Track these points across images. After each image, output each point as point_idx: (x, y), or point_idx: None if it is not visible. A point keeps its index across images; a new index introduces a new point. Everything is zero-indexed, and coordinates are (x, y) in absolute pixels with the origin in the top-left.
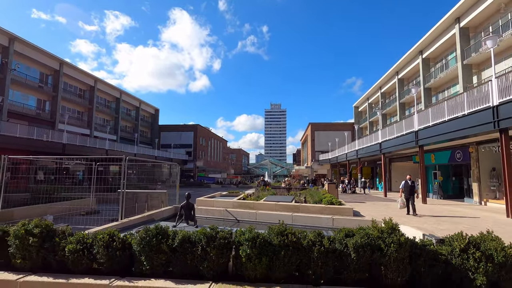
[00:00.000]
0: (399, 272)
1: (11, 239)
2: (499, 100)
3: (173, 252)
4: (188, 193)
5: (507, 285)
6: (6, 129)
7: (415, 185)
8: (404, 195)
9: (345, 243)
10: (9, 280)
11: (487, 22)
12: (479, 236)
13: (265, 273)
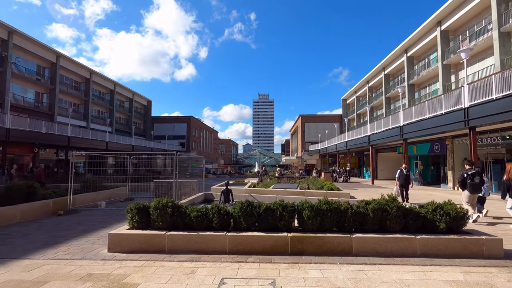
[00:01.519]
0: (397, 223)
1: (152, 210)
2: (470, 103)
3: (259, 216)
4: (227, 181)
5: (455, 227)
6: (16, 122)
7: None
8: (399, 183)
9: (366, 208)
10: (159, 234)
11: (465, 26)
12: (443, 203)
13: (318, 226)
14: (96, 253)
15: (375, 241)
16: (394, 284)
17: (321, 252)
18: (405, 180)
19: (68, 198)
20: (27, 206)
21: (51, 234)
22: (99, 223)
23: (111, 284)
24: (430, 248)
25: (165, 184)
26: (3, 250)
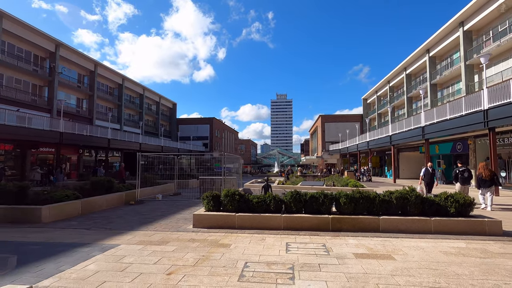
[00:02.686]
0: (416, 208)
1: (223, 197)
2: (489, 105)
3: (305, 202)
4: (267, 177)
5: (463, 211)
6: (66, 126)
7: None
8: (425, 182)
9: (390, 196)
10: (231, 214)
11: (488, 26)
12: (454, 193)
13: (352, 210)
14: (184, 228)
15: (398, 222)
16: (412, 248)
17: (355, 229)
18: (431, 178)
19: (136, 191)
20: (109, 197)
21: (139, 217)
22: (167, 210)
23: (211, 244)
24: (442, 227)
25: (208, 180)
26: (114, 226)
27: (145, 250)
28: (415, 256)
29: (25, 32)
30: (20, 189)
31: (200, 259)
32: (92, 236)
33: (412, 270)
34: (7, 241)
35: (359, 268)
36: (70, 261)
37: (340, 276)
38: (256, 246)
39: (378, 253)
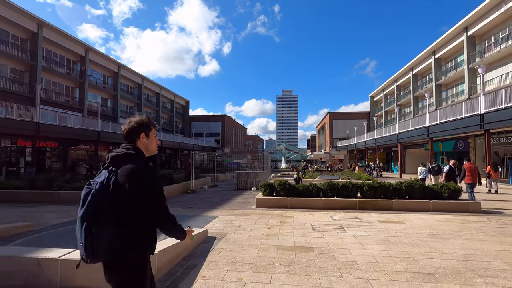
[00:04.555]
0: (419, 194)
1: (277, 186)
2: (485, 110)
3: (338, 189)
4: (298, 172)
5: (454, 196)
6: (102, 126)
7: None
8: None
9: (401, 185)
10: (284, 198)
11: (490, 32)
12: (448, 183)
13: (372, 195)
14: (250, 207)
15: (406, 203)
16: (416, 218)
17: (375, 209)
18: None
19: (190, 182)
20: (174, 187)
21: (205, 201)
22: (221, 197)
23: (279, 216)
24: (438, 207)
25: (243, 174)
26: (196, 206)
27: (239, 218)
28: (418, 222)
29: (60, 39)
30: None
31: (280, 222)
32: (192, 211)
33: (415, 228)
34: None
35: (382, 226)
36: (200, 223)
37: (372, 229)
38: (310, 217)
39: (393, 220)
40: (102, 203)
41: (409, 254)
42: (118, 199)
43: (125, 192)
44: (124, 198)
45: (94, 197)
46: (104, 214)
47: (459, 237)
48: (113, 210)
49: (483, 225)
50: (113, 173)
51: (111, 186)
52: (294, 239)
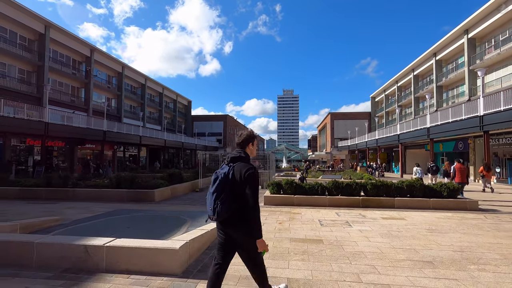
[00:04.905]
0: (420, 192)
1: (284, 184)
2: (484, 111)
3: (342, 188)
4: (302, 171)
5: (452, 195)
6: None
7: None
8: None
9: (402, 184)
10: (290, 196)
11: (490, 35)
12: (446, 182)
13: (375, 194)
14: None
15: (407, 201)
16: (416, 215)
17: (378, 206)
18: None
19: (198, 181)
20: (183, 185)
21: None
22: None
23: (288, 212)
24: (437, 205)
25: None
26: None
27: None
28: (418, 218)
29: (66, 39)
30: (131, 178)
31: (289, 218)
32: (205, 208)
33: (416, 224)
34: (161, 211)
35: (385, 222)
36: None
37: (376, 225)
38: (317, 213)
39: (395, 217)
40: (224, 186)
41: (411, 246)
42: (234, 184)
43: (238, 180)
44: (237, 184)
45: (221, 182)
46: (225, 192)
47: (457, 232)
48: (230, 191)
49: (479, 222)
50: (231, 168)
51: (230, 176)
52: (304, 232)
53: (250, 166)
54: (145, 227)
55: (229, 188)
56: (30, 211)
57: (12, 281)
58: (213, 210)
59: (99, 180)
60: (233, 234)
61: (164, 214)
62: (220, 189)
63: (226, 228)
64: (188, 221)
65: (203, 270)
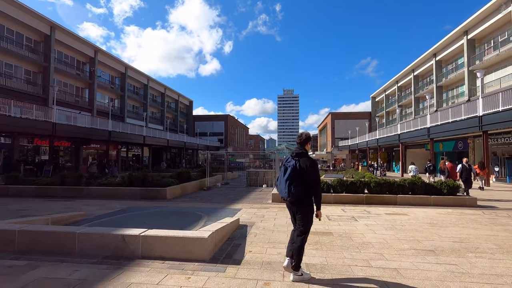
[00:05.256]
0: (421, 190)
1: None
2: (483, 112)
3: (347, 186)
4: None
5: (452, 192)
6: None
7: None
8: (462, 178)
9: (404, 182)
10: None
11: (490, 36)
12: (446, 180)
13: (378, 191)
14: (266, 202)
15: (409, 198)
16: (418, 211)
17: (381, 203)
18: (468, 174)
19: (206, 180)
20: (192, 183)
21: (224, 197)
22: (236, 193)
23: None
24: (438, 202)
25: (254, 172)
26: (217, 201)
27: (260, 210)
28: (420, 214)
29: (70, 40)
30: (143, 177)
31: None
32: (216, 205)
33: (418, 219)
34: (175, 208)
35: (389, 217)
36: (228, 214)
37: (380, 220)
38: (324, 210)
39: (398, 213)
40: (294, 174)
41: (414, 237)
42: (301, 172)
43: (304, 169)
44: (303, 172)
45: (292, 171)
46: (295, 179)
47: (456, 225)
48: (298, 178)
49: (478, 217)
50: (297, 161)
51: (298, 166)
52: (314, 226)
53: (312, 159)
54: (165, 221)
55: (298, 176)
56: (51, 207)
57: (61, 266)
58: (288, 192)
59: (109, 179)
60: (296, 209)
61: (180, 210)
62: (291, 176)
63: (295, 206)
64: (204, 216)
65: (228, 257)
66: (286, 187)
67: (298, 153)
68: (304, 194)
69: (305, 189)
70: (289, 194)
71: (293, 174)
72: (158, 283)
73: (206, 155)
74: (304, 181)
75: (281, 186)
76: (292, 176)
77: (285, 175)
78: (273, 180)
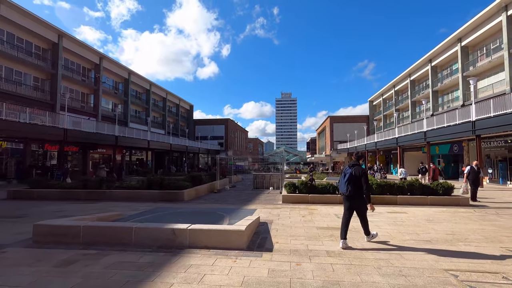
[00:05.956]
0: (419, 191)
1: (299, 184)
2: (476, 117)
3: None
4: (311, 174)
5: (447, 193)
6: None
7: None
8: (470, 180)
9: (403, 184)
10: (305, 195)
11: (482, 43)
12: (442, 181)
13: (380, 192)
14: (277, 203)
15: (408, 198)
16: (416, 210)
17: (382, 203)
18: (476, 177)
19: (216, 183)
20: (204, 186)
21: (236, 198)
22: (246, 195)
23: (306, 209)
24: (434, 202)
25: (260, 176)
26: (231, 202)
27: (274, 210)
28: (418, 212)
29: (77, 48)
30: (161, 180)
31: (309, 212)
32: (232, 206)
33: (417, 216)
34: (197, 208)
35: (390, 215)
36: (246, 213)
37: (383, 217)
38: (331, 209)
39: (399, 211)
40: (351, 178)
41: (413, 231)
42: (355, 177)
43: (357, 175)
44: (357, 177)
45: (350, 176)
46: (352, 182)
47: (450, 222)
48: (353, 181)
49: (469, 215)
50: (353, 169)
51: (353, 173)
52: (326, 223)
53: (362, 168)
54: (195, 219)
55: (353, 180)
56: (82, 209)
57: (126, 253)
58: (346, 190)
59: (126, 182)
60: (352, 202)
61: (202, 211)
62: (348, 180)
63: (349, 199)
64: (226, 216)
65: (261, 246)
66: (345, 187)
67: (353, 164)
68: (356, 192)
69: (356, 188)
70: (346, 191)
71: (349, 178)
72: (212, 264)
73: (217, 159)
74: (356, 183)
75: (341, 186)
76: (349, 179)
77: (345, 178)
78: (280, 183)
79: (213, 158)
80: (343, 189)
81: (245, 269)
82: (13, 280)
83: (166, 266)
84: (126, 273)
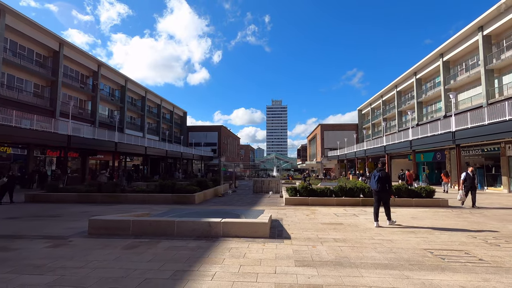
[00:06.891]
0: (405, 194)
1: (300, 188)
2: (455, 128)
3: (346, 191)
4: (308, 180)
5: (429, 195)
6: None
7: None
8: (466, 187)
9: (396, 188)
10: (306, 198)
11: (462, 59)
12: (425, 186)
13: (371, 195)
14: (280, 205)
15: (396, 200)
16: (402, 210)
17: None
18: (472, 183)
19: (220, 188)
20: (211, 190)
21: (241, 201)
22: (249, 199)
23: (308, 209)
24: (418, 203)
25: (260, 181)
26: (238, 204)
27: (280, 211)
28: (404, 212)
29: (76, 55)
30: (173, 185)
31: (311, 212)
32: (241, 208)
33: (403, 215)
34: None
35: (381, 214)
36: (257, 213)
37: None
38: (330, 210)
39: None
40: (379, 178)
41: (400, 225)
42: (383, 178)
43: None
44: (383, 178)
45: (378, 177)
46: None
47: (430, 218)
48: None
49: (447, 214)
50: (380, 172)
51: (380, 175)
52: (328, 220)
53: (386, 172)
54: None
55: (381, 180)
56: (105, 210)
57: (174, 241)
58: (376, 187)
59: (134, 187)
60: (381, 195)
61: (218, 211)
62: (378, 180)
63: (378, 193)
64: (241, 214)
65: (280, 236)
66: (375, 185)
67: (380, 169)
68: (384, 188)
69: (384, 186)
70: (377, 187)
71: (379, 178)
72: (248, 247)
73: (221, 166)
74: (383, 182)
75: (373, 184)
76: (378, 179)
77: (375, 179)
78: (278, 188)
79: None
80: (374, 186)
81: (274, 250)
82: (98, 257)
83: (213, 248)
84: (184, 253)
